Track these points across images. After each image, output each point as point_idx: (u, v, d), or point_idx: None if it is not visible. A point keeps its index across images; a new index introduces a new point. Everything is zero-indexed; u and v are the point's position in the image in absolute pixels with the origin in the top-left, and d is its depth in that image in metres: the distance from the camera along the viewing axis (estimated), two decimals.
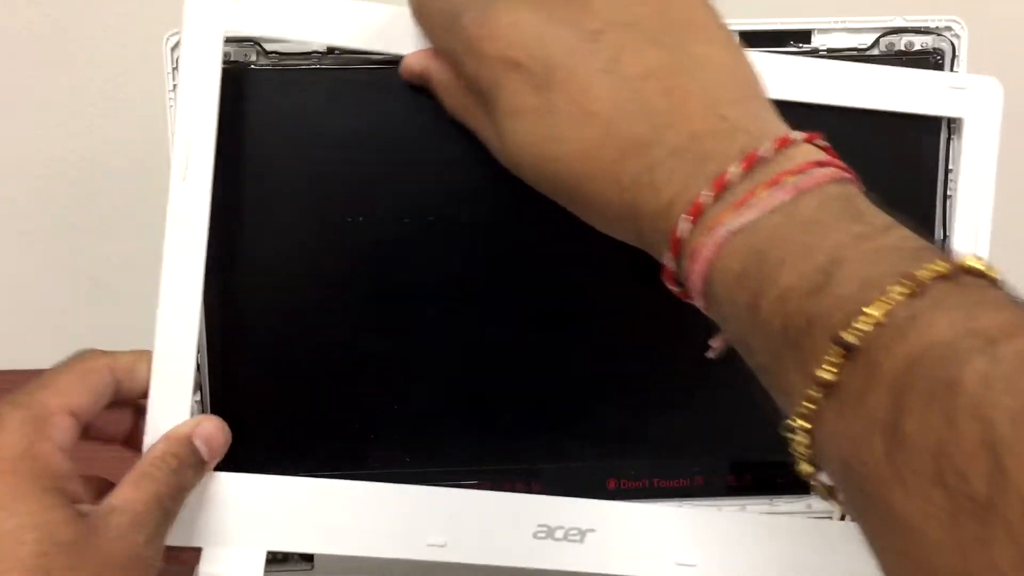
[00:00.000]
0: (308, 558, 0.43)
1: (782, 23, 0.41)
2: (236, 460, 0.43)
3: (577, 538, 0.40)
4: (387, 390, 0.43)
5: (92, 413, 0.36)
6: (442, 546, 0.40)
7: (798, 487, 0.44)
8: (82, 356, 0.37)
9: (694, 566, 0.40)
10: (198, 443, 0.37)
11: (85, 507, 0.34)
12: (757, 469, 0.44)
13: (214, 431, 0.37)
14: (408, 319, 0.42)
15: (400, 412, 0.43)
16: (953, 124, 0.41)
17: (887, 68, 0.40)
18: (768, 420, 0.44)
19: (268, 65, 0.40)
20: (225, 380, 0.42)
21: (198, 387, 0.42)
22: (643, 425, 0.44)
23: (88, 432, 0.37)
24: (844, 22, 0.41)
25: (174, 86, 0.40)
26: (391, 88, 0.40)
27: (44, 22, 0.60)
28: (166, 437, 0.37)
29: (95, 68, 0.60)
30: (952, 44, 0.41)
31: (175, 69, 0.40)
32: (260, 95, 0.41)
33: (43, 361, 0.65)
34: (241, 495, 0.39)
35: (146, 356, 0.38)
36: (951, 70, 0.41)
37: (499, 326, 0.43)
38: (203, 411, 0.42)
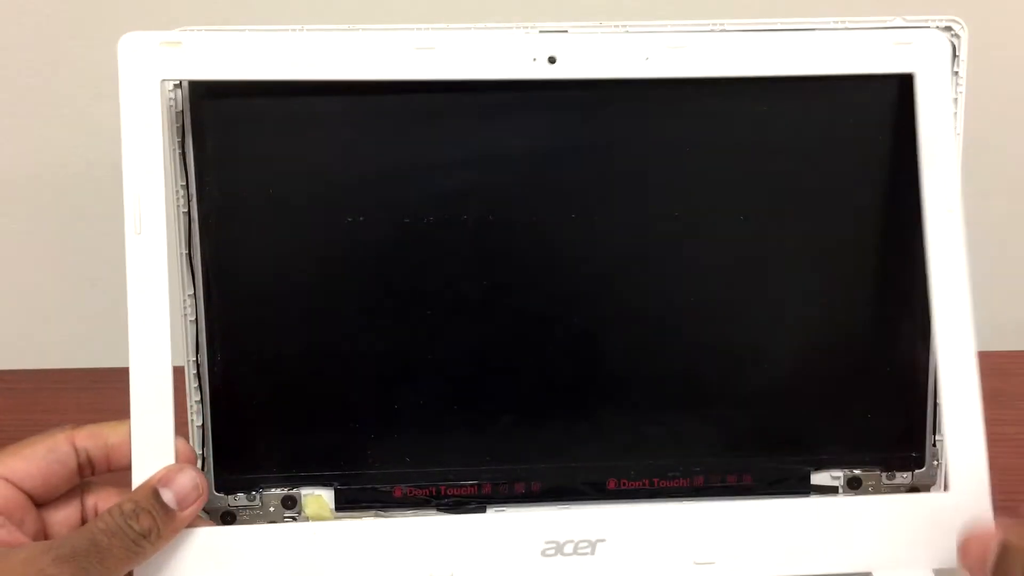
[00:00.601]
0: None
1: (782, 24, 0.41)
2: (237, 461, 0.43)
3: (588, 550, 0.39)
4: (387, 390, 0.43)
5: (37, 478, 0.38)
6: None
7: (798, 486, 0.44)
8: (48, 430, 0.39)
9: (713, 563, 0.39)
10: (165, 493, 0.37)
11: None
12: (757, 469, 0.44)
13: (184, 481, 0.37)
14: (408, 319, 0.42)
15: (400, 412, 0.43)
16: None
17: (831, 33, 0.40)
18: (768, 421, 0.44)
19: None
20: (225, 381, 0.42)
21: (197, 390, 0.42)
22: (643, 425, 0.44)
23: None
24: (844, 23, 0.41)
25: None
26: (390, 87, 0.41)
27: (45, 23, 0.60)
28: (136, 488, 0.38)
29: (97, 68, 0.60)
30: (952, 44, 0.41)
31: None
32: (261, 95, 0.41)
33: (43, 361, 0.66)
34: (239, 546, 0.39)
35: (122, 424, 0.38)
36: (953, 71, 0.41)
37: (499, 326, 0.43)
38: (203, 413, 0.42)
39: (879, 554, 0.39)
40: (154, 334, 0.38)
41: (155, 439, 0.38)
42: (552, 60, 0.39)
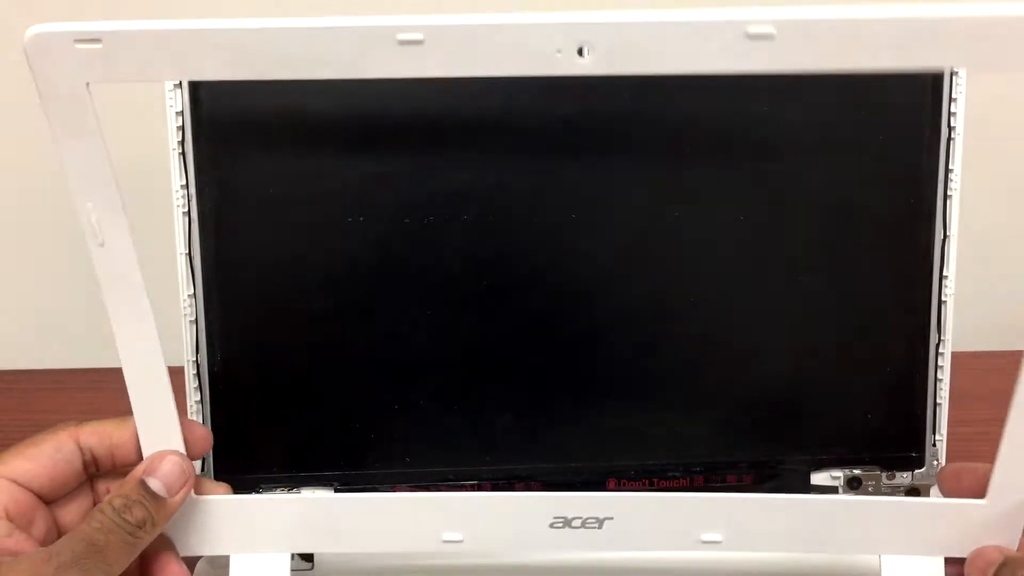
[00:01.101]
0: (308, 557, 0.43)
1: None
2: (238, 460, 0.43)
3: (595, 525, 0.39)
4: (387, 390, 0.43)
5: (44, 477, 0.37)
6: (459, 541, 0.39)
7: (797, 486, 0.44)
8: (51, 427, 0.39)
9: (720, 541, 0.39)
10: (152, 482, 0.37)
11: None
12: (757, 469, 0.44)
13: (169, 467, 0.37)
14: (408, 319, 0.42)
15: (400, 412, 0.43)
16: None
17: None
18: (767, 421, 0.44)
19: None
20: (226, 381, 0.42)
21: (197, 390, 0.42)
22: (643, 425, 0.44)
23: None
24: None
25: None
26: (391, 87, 0.41)
27: (46, 21, 0.60)
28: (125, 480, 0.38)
29: None
30: None
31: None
32: (261, 95, 0.41)
33: (43, 361, 0.66)
34: (263, 509, 0.39)
35: (126, 421, 0.38)
36: (951, 71, 0.41)
37: (499, 326, 0.43)
38: (203, 413, 0.42)
39: (890, 541, 0.38)
40: (141, 338, 0.37)
41: (161, 433, 0.38)
42: (581, 52, 0.32)
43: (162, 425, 0.38)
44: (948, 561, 0.39)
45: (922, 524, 0.38)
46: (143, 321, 0.37)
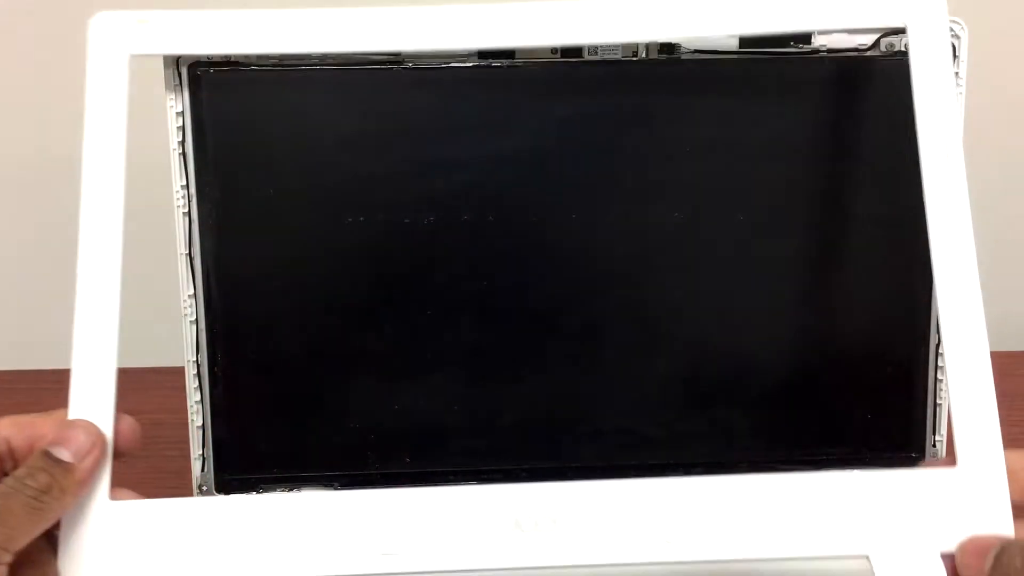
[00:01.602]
0: None
1: None
2: (237, 460, 0.43)
3: (548, 526, 0.35)
4: (387, 390, 0.43)
5: None
6: (396, 555, 0.35)
7: None
8: None
9: (677, 543, 0.35)
10: (56, 449, 0.35)
11: None
12: (756, 469, 0.44)
13: (75, 434, 0.36)
14: (408, 319, 0.42)
15: (400, 412, 0.43)
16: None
17: None
18: (767, 421, 0.44)
19: (268, 66, 0.40)
20: (225, 381, 0.42)
21: (197, 390, 0.42)
22: (642, 426, 0.44)
23: None
24: None
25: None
26: (390, 88, 0.41)
27: (46, 24, 0.60)
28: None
29: None
30: (952, 44, 0.41)
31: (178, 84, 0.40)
32: (261, 95, 0.41)
33: (43, 361, 0.66)
34: (164, 522, 0.36)
35: (53, 414, 0.37)
36: (953, 71, 0.41)
37: (499, 326, 0.43)
38: (203, 413, 0.42)
39: (876, 535, 0.35)
40: (103, 294, 0.38)
41: (91, 405, 0.37)
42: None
43: (96, 397, 0.37)
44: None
45: (901, 498, 0.36)
46: (110, 289, 0.38)
